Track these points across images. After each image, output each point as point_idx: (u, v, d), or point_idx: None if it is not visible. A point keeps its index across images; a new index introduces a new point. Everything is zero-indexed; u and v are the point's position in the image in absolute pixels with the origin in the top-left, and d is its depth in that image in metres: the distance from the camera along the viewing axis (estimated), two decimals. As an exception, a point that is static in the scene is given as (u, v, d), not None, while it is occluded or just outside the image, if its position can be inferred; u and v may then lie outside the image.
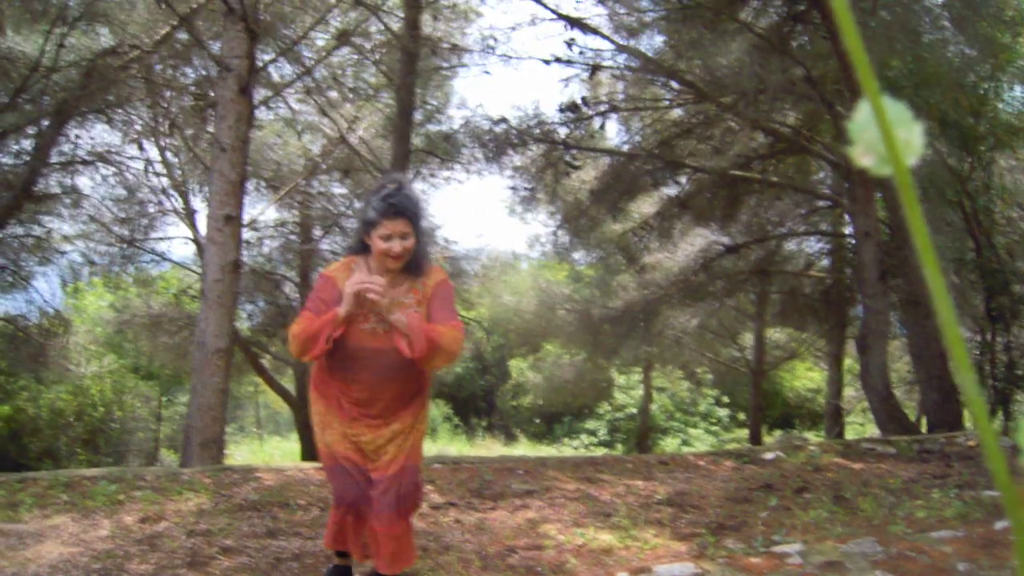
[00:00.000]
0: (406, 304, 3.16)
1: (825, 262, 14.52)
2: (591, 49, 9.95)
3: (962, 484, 5.36)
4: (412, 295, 3.22)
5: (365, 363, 3.16)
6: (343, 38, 8.83)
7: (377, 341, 3.13)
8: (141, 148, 10.35)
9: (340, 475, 3.25)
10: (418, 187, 14.04)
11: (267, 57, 9.49)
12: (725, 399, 23.00)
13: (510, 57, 9.95)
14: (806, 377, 25.08)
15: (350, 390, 3.22)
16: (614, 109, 11.01)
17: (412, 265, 3.20)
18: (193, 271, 14.50)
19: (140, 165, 12.04)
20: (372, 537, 3.32)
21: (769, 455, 6.78)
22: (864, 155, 0.41)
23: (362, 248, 3.25)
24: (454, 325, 3.18)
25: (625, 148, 11.59)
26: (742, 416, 22.76)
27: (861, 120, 0.40)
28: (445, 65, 11.91)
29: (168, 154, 13.35)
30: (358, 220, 3.33)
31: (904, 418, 9.25)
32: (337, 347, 3.10)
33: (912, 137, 0.40)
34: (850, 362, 18.20)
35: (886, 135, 0.38)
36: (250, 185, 12.72)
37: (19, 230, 12.01)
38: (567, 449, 22.49)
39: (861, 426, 21.05)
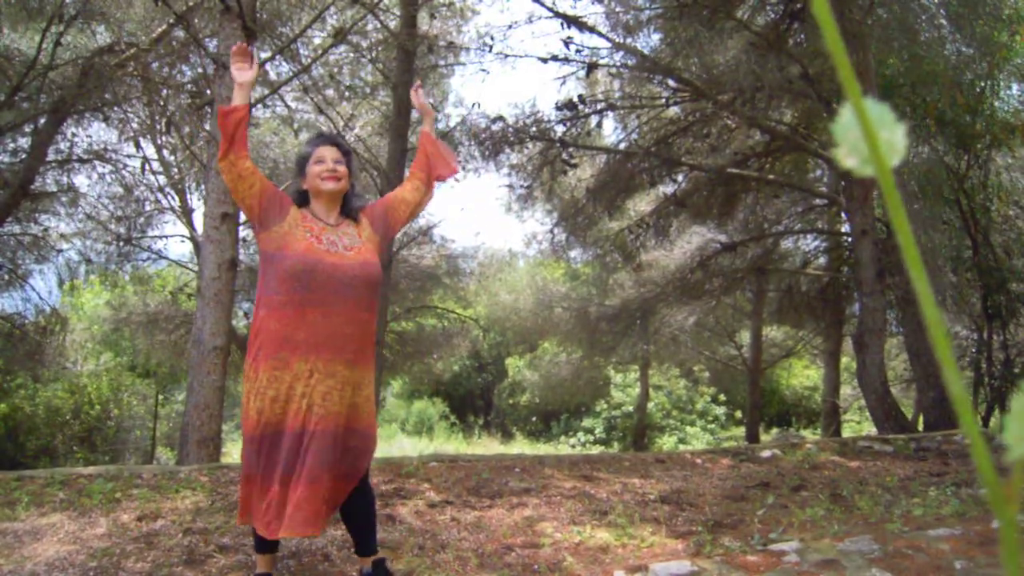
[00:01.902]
0: (350, 234, 3.26)
1: (822, 260, 14.54)
2: (588, 47, 9.95)
3: (959, 482, 5.37)
4: (354, 230, 3.30)
5: (322, 279, 3.04)
6: (340, 36, 8.82)
7: (333, 257, 3.11)
8: (138, 146, 10.34)
9: (262, 447, 3.02)
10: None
11: (264, 55, 9.48)
12: (722, 397, 23.04)
13: (507, 55, 9.94)
14: (803, 375, 25.15)
15: (299, 328, 3.00)
16: (611, 107, 11.00)
17: (349, 209, 3.33)
18: (190, 269, 14.51)
19: (137, 163, 12.04)
20: (285, 502, 3.01)
21: (766, 453, 6.79)
22: (848, 156, 0.41)
23: (302, 199, 3.31)
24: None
25: (622, 146, 11.58)
26: (739, 414, 22.81)
27: (845, 122, 0.41)
28: (442, 63, 11.91)
29: (165, 152, 13.36)
30: (296, 173, 3.39)
31: (901, 416, 9.26)
32: (292, 263, 3.04)
33: (895, 138, 0.40)
34: (847, 360, 18.26)
35: (869, 136, 0.38)
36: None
37: (16, 228, 12.02)
38: (564, 447, 22.52)
39: (858, 424, 21.11)
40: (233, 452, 19.09)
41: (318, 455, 2.99)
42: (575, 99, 10.10)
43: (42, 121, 10.46)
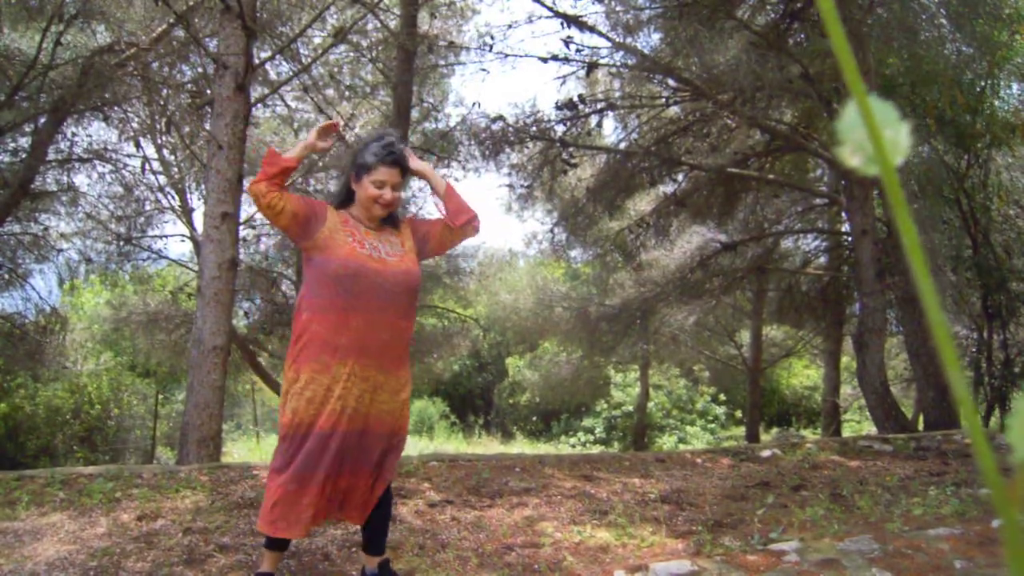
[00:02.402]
0: (392, 241, 3.30)
1: (822, 259, 14.54)
2: (588, 47, 9.95)
3: (959, 481, 5.37)
4: (396, 237, 3.33)
5: (365, 285, 3.09)
6: (340, 36, 8.81)
7: (376, 263, 3.14)
8: (138, 146, 10.33)
9: (295, 446, 3.07)
10: (415, 184, 14.06)
11: (264, 55, 9.48)
12: (722, 397, 23.03)
13: (507, 55, 9.94)
14: (803, 375, 25.14)
15: (340, 333, 3.06)
16: (611, 107, 11.00)
17: (391, 218, 3.36)
18: (190, 269, 14.51)
19: (137, 163, 12.03)
20: (344, 498, 3.16)
21: (766, 453, 6.79)
22: (852, 155, 0.41)
23: (346, 199, 3.32)
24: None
25: (622, 146, 11.58)
26: (739, 414, 22.81)
27: (849, 120, 0.41)
28: (442, 63, 11.91)
29: (165, 152, 13.35)
30: (348, 165, 3.33)
31: (901, 415, 9.26)
32: (335, 268, 3.08)
33: (899, 137, 0.40)
34: (847, 359, 18.25)
35: (873, 135, 0.38)
36: (247, 183, 12.70)
37: (16, 227, 12.02)
38: (564, 447, 22.51)
39: (858, 423, 21.11)
40: (233, 452, 19.10)
41: (336, 458, 3.05)
42: (575, 99, 10.09)
43: (42, 121, 10.46)
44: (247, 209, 12.70)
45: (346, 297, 3.07)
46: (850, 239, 11.30)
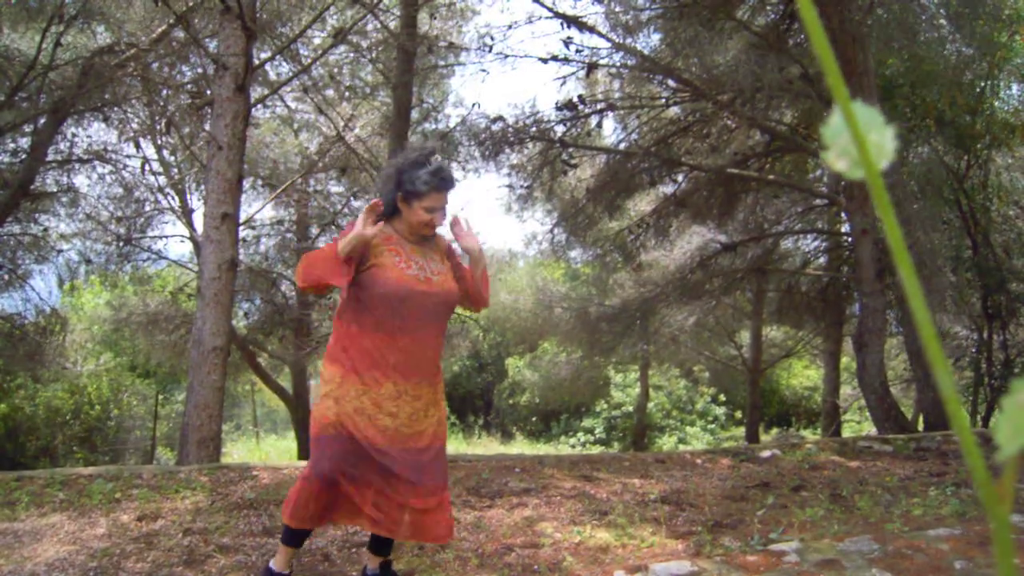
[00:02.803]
0: (434, 258, 3.35)
1: (822, 260, 14.53)
2: (588, 47, 9.94)
3: (959, 482, 5.37)
4: (436, 255, 3.39)
5: (413, 308, 3.16)
6: (340, 36, 8.81)
7: (423, 285, 3.20)
8: (138, 146, 10.33)
9: (338, 445, 3.12)
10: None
11: (264, 55, 9.48)
12: (722, 397, 23.02)
13: (507, 56, 9.93)
14: (803, 375, 25.13)
15: (390, 352, 3.14)
16: (611, 107, 10.99)
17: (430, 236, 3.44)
18: (190, 269, 14.51)
19: (137, 163, 12.01)
20: (400, 514, 3.20)
21: (766, 453, 6.79)
22: (838, 159, 0.41)
23: (390, 212, 3.33)
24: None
25: (622, 146, 11.57)
26: (739, 414, 22.79)
27: (834, 125, 0.41)
28: (442, 63, 11.90)
29: (165, 152, 13.35)
30: (393, 185, 3.31)
31: (901, 416, 9.26)
32: (384, 291, 3.13)
33: (884, 141, 0.40)
34: (847, 360, 18.25)
35: (857, 139, 0.39)
36: (247, 183, 12.73)
37: (16, 228, 12.01)
38: (564, 447, 22.50)
39: (858, 424, 21.08)
40: (233, 452, 19.10)
41: (401, 472, 3.11)
42: (575, 99, 10.09)
43: (42, 121, 10.46)
44: (247, 209, 12.72)
45: (394, 319, 3.15)
46: (850, 239, 11.30)
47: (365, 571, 3.47)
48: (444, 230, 3.46)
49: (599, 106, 10.80)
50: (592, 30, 9.50)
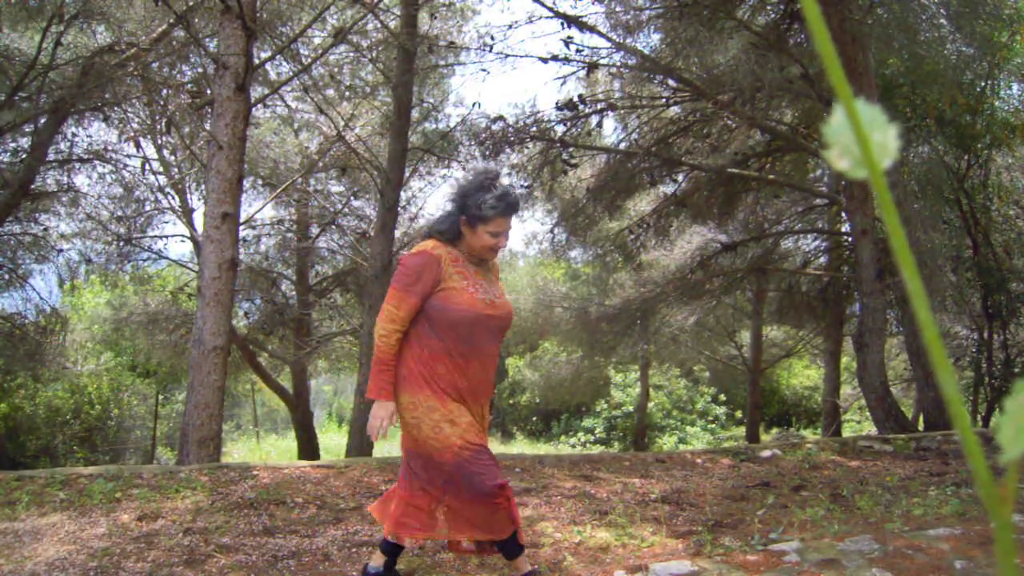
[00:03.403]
0: (493, 280, 3.45)
1: (822, 260, 14.53)
2: (588, 47, 9.94)
3: (959, 481, 5.37)
4: (493, 275, 3.48)
5: (480, 331, 3.26)
6: (340, 36, 8.81)
7: (489, 308, 3.30)
8: (138, 146, 10.32)
9: (484, 459, 3.22)
10: (415, 185, 14.07)
11: (264, 55, 9.48)
12: (722, 397, 23.03)
13: (507, 55, 9.92)
14: (803, 375, 25.13)
15: (461, 378, 3.24)
16: (611, 107, 10.99)
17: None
18: (190, 269, 14.51)
19: (137, 163, 12.02)
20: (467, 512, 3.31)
21: (766, 453, 6.79)
22: (840, 159, 0.41)
23: (455, 235, 3.38)
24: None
25: (622, 146, 11.57)
26: (739, 414, 22.80)
27: (836, 124, 0.41)
28: (442, 63, 11.90)
29: (165, 152, 13.34)
30: (457, 208, 3.34)
31: (901, 416, 9.26)
32: (457, 317, 3.21)
33: (886, 140, 0.40)
34: (847, 360, 18.25)
35: (860, 139, 0.38)
36: (247, 183, 12.73)
37: (16, 228, 12.01)
38: (564, 447, 22.51)
39: (858, 424, 21.10)
40: (233, 452, 19.11)
41: (467, 483, 3.21)
42: (575, 99, 10.08)
43: (42, 121, 10.46)
44: (247, 209, 12.71)
45: (464, 345, 3.24)
46: (850, 239, 11.30)
47: (366, 571, 3.47)
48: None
49: (599, 106, 10.80)
50: (592, 30, 9.50)
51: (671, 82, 10.42)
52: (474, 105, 10.56)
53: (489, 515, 3.21)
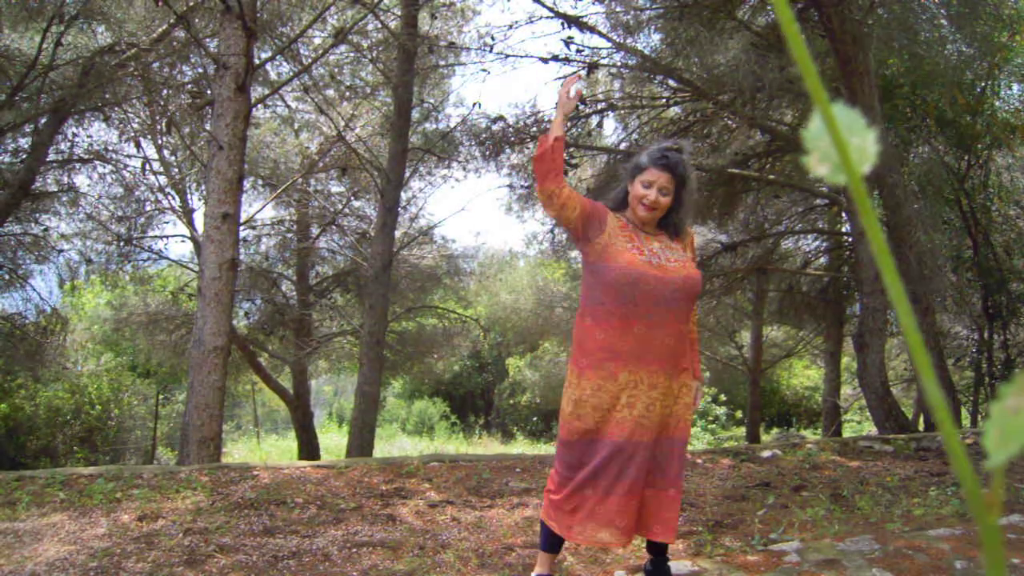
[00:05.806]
0: (673, 248, 3.24)
1: (823, 260, 14.54)
2: (588, 47, 9.94)
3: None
4: (677, 244, 3.28)
5: (645, 292, 3.05)
6: (341, 36, 8.81)
7: (656, 270, 3.10)
8: (138, 146, 10.33)
9: (579, 450, 3.12)
10: (415, 185, 14.07)
11: (264, 55, 9.49)
12: (723, 397, 23.03)
13: (508, 55, 9.93)
14: (804, 375, 25.13)
15: (623, 339, 3.06)
16: (611, 107, 11.00)
17: (670, 227, 3.29)
18: (191, 269, 14.51)
19: (137, 163, 12.02)
20: (649, 513, 3.20)
21: (767, 453, 6.79)
22: (819, 163, 0.41)
23: (622, 203, 3.30)
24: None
25: (622, 146, 11.57)
26: (739, 414, 22.80)
27: (815, 128, 0.41)
28: (443, 63, 11.91)
29: (165, 152, 13.35)
30: (628, 173, 3.28)
31: (902, 416, 9.26)
32: (615, 276, 3.05)
33: (865, 144, 0.40)
34: (848, 360, 18.25)
35: (839, 143, 0.39)
36: (247, 183, 12.74)
37: (17, 228, 12.02)
38: (565, 447, 22.45)
39: (858, 424, 21.10)
40: (233, 452, 19.11)
41: (640, 467, 3.08)
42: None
43: (42, 121, 10.47)
44: (247, 209, 12.72)
45: (626, 305, 3.06)
46: (850, 240, 11.30)
47: (646, 568, 3.47)
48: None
49: (600, 106, 10.80)
50: (593, 30, 9.49)
51: (671, 82, 10.43)
52: (474, 105, 10.55)
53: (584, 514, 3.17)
